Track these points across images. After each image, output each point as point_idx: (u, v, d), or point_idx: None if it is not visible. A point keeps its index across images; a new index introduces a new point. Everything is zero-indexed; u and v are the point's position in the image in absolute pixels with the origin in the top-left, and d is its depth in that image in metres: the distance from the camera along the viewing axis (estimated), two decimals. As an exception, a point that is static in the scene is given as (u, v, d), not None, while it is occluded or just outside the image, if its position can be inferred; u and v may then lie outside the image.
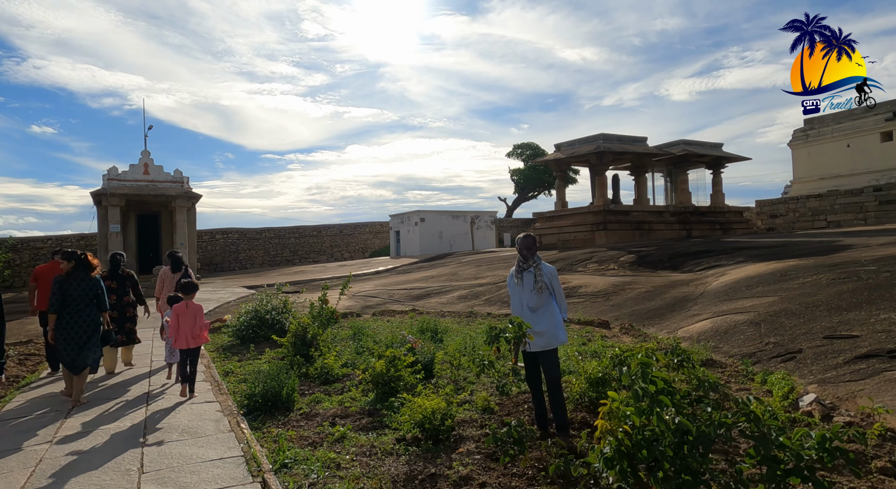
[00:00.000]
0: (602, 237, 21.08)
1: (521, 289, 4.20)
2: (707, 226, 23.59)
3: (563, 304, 4.29)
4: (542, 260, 4.22)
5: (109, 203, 21.91)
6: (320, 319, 8.69)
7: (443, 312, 12.01)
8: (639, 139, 23.41)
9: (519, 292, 4.27)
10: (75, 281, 5.63)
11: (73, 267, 5.72)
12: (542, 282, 4.10)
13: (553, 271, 4.28)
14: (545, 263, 4.23)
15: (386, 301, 14.77)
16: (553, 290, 4.18)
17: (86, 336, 5.59)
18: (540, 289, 4.10)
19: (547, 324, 4.07)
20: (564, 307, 4.30)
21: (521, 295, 4.25)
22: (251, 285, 21.44)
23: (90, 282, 5.75)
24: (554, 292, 4.21)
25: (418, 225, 33.91)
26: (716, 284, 10.08)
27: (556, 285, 4.24)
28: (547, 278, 4.13)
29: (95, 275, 5.80)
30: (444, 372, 6.05)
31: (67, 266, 5.75)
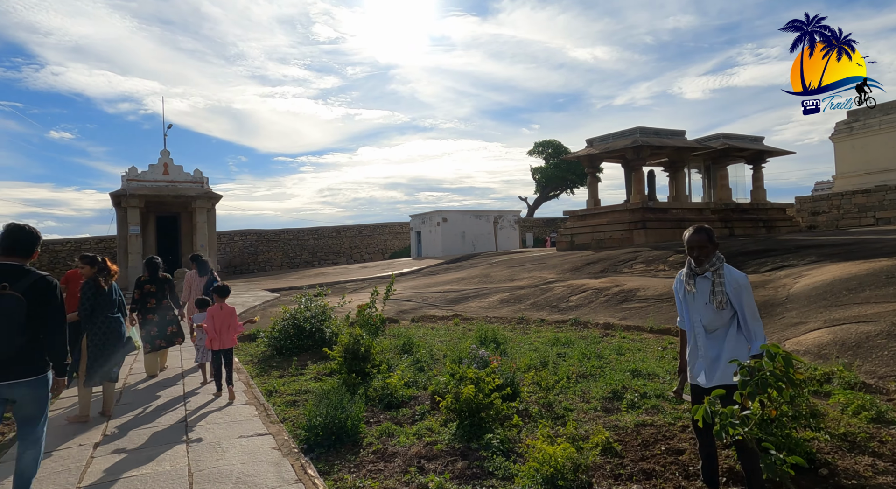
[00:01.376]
0: (641, 236, 20.01)
1: (693, 301, 3.20)
2: (749, 223, 22.40)
3: (758, 327, 3.03)
4: (725, 262, 3.18)
5: (129, 204, 21.30)
6: (369, 328, 7.82)
7: (489, 318, 11.08)
8: (677, 132, 22.30)
9: (689, 304, 3.24)
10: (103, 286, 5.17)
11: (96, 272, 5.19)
12: (724, 295, 3.02)
13: (742, 280, 3.10)
14: (732, 269, 3.14)
15: (421, 305, 13.88)
16: (739, 307, 3.03)
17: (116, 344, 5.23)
18: (720, 305, 3.02)
19: (728, 351, 3.01)
20: (759, 332, 3.01)
21: (691, 308, 3.21)
22: (274, 288, 20.70)
23: (113, 287, 5.33)
24: (740, 309, 3.03)
25: (440, 225, 33.02)
26: (799, 287, 9.04)
27: (746, 299, 3.03)
28: (731, 289, 3.04)
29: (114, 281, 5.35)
30: (530, 393, 5.12)
31: (89, 271, 5.12)
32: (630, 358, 6.37)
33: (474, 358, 5.56)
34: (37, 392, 3.15)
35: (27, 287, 3.13)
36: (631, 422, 4.14)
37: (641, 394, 4.82)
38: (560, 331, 8.84)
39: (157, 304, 7.05)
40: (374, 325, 7.99)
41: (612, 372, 5.64)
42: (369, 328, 7.75)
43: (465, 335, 8.72)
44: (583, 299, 11.46)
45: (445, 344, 7.94)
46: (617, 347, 6.84)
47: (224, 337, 5.80)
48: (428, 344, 7.93)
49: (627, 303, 10.45)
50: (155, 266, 7.19)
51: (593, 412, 4.55)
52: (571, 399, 4.91)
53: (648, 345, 7.12)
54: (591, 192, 23.90)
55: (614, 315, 9.93)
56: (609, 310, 10.31)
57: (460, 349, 6.33)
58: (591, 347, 6.69)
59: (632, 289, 11.19)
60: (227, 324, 5.87)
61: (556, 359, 6.37)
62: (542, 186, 43.77)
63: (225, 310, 5.94)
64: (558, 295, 12.28)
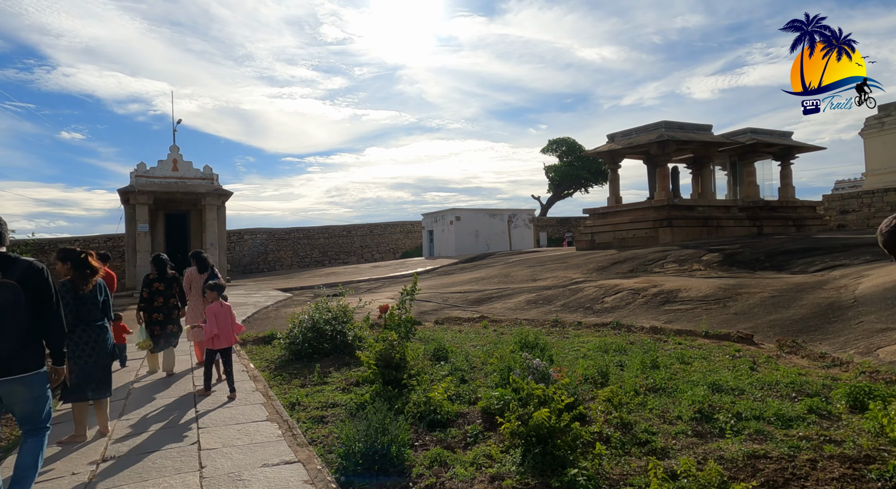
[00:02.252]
0: (667, 235, 19.18)
1: None
2: (779, 222, 21.51)
3: None
4: None
5: (137, 201, 20.73)
6: (399, 331, 7.10)
7: (518, 320, 10.34)
8: (703, 127, 21.45)
9: None
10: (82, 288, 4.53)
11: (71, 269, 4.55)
12: None
13: None
14: None
15: (442, 306, 13.16)
16: None
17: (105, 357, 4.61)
18: None
19: None
20: None
21: None
22: (286, 288, 20.06)
23: (97, 287, 4.66)
24: None
25: (454, 224, 32.29)
26: (866, 289, 8.23)
27: None
28: None
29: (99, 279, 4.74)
30: (599, 411, 4.38)
31: (64, 269, 4.58)
32: (698, 368, 5.61)
33: (528, 368, 4.82)
34: (34, 389, 3.01)
35: (20, 274, 3.00)
36: (739, 453, 3.39)
37: (734, 414, 4.06)
38: (602, 336, 8.09)
39: (165, 303, 6.95)
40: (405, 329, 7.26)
41: (686, 385, 4.89)
42: (400, 331, 7.03)
43: (499, 339, 7.98)
44: (618, 300, 10.69)
45: (481, 349, 7.21)
46: (679, 356, 6.08)
47: (224, 335, 5.73)
48: (462, 349, 7.20)
49: (670, 305, 9.67)
50: (163, 263, 7.11)
51: (683, 437, 3.80)
52: (650, 419, 4.16)
53: (712, 353, 6.35)
54: (612, 189, 23.09)
55: (657, 318, 9.17)
56: (650, 313, 9.54)
57: (504, 356, 5.60)
58: (650, 355, 5.94)
59: (672, 290, 10.41)
60: (228, 321, 5.83)
61: (615, 369, 5.62)
62: (556, 185, 42.92)
63: (225, 308, 5.89)
64: (590, 296, 11.52)
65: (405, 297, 7.80)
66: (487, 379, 5.63)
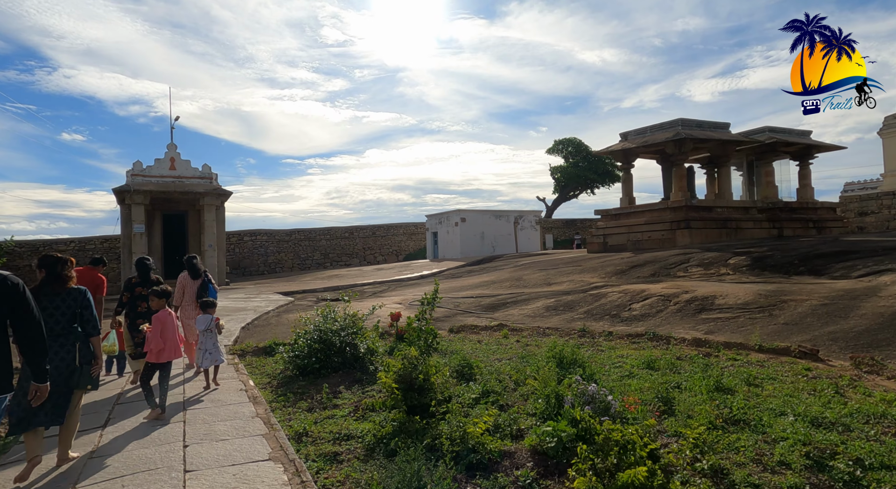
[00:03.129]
0: (684, 237, 18.40)
1: None
2: (799, 224, 20.72)
3: None
4: None
5: (133, 201, 19.95)
6: (420, 345, 6.30)
7: (540, 329, 9.55)
8: (720, 125, 20.67)
9: None
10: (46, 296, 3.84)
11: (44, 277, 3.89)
12: None
13: None
14: None
15: (455, 312, 12.36)
16: None
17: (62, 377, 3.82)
18: None
19: None
20: None
21: None
22: (287, 291, 19.26)
23: (69, 297, 3.93)
24: None
25: (459, 225, 31.51)
26: (931, 296, 7.44)
27: None
28: None
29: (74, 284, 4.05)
30: (672, 449, 3.58)
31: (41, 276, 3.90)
32: (773, 392, 4.81)
33: (582, 395, 4.03)
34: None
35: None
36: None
37: (854, 460, 3.26)
38: (639, 348, 7.30)
39: (149, 309, 6.28)
40: (426, 342, 6.47)
41: (770, 416, 4.09)
42: (419, 345, 6.24)
43: (526, 352, 7.18)
44: (648, 308, 9.89)
45: (509, 365, 6.41)
46: (745, 376, 5.28)
47: (171, 348, 5.14)
48: (489, 365, 6.40)
49: (707, 314, 8.87)
50: (146, 268, 6.71)
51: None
52: (744, 464, 3.36)
53: (780, 373, 5.55)
54: (624, 189, 22.31)
55: (695, 327, 8.37)
56: (686, 322, 8.74)
57: (546, 378, 4.80)
58: (710, 375, 5.14)
59: (706, 297, 9.61)
60: (175, 332, 5.27)
61: (674, 393, 4.81)
62: (562, 186, 42.13)
63: (172, 317, 5.35)
64: (615, 302, 10.72)
65: (425, 307, 7.02)
66: (528, 404, 4.84)
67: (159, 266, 21.14)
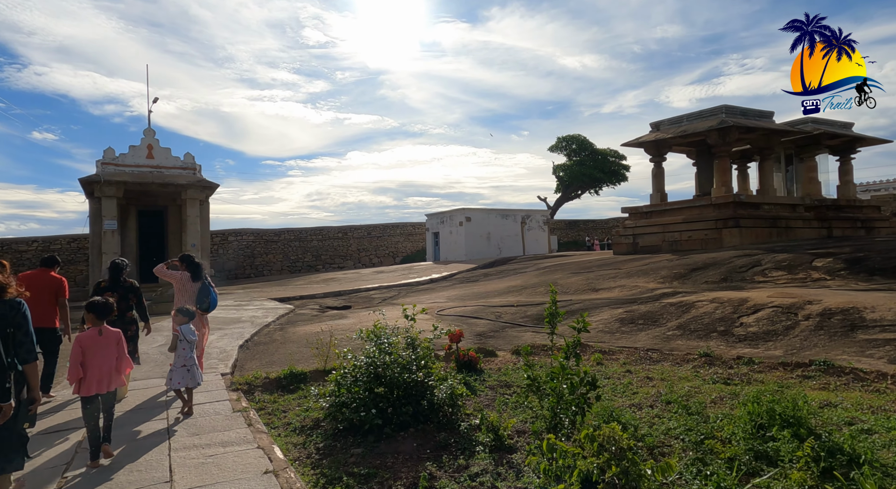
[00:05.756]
0: (733, 236, 16.46)
1: None
2: (847, 223, 18.99)
3: None
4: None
5: (104, 193, 17.29)
6: (570, 397, 4.02)
7: (637, 352, 7.38)
8: (765, 114, 18.85)
9: None
10: None
11: None
12: None
13: None
14: None
15: (500, 325, 10.14)
16: None
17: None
18: None
19: None
20: None
21: None
22: (283, 297, 16.82)
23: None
24: None
25: (463, 225, 29.31)
26: None
27: None
28: None
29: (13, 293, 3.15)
30: None
31: None
32: None
33: None
34: None
35: None
36: None
37: None
38: (844, 388, 5.17)
39: (120, 317, 5.77)
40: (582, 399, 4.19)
41: None
42: (571, 399, 3.96)
43: (672, 393, 4.98)
44: (766, 323, 7.79)
45: (677, 424, 4.19)
46: None
47: (106, 376, 4.15)
48: (648, 426, 4.17)
49: (865, 332, 6.79)
50: (117, 270, 6.06)
51: None
52: None
53: None
54: (656, 184, 20.34)
55: (865, 352, 6.26)
56: (842, 344, 6.64)
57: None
58: None
59: (846, 309, 7.53)
60: (109, 356, 4.19)
61: None
62: (566, 185, 40.20)
63: (106, 337, 4.24)
64: (714, 315, 8.61)
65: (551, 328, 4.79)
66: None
67: (134, 268, 18.48)
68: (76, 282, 23.78)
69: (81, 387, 4.04)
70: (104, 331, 4.22)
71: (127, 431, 4.74)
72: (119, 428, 4.76)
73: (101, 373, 4.09)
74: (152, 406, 5.58)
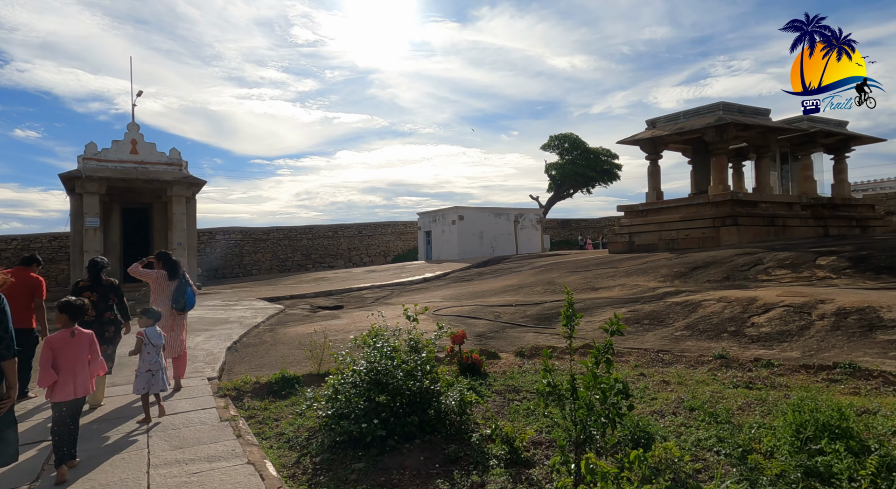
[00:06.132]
0: (731, 235, 16.26)
1: None
2: (843, 222, 18.89)
3: None
4: None
5: (85, 190, 16.69)
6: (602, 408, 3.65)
7: (647, 352, 7.06)
8: (761, 111, 18.69)
9: None
10: None
11: None
12: None
13: None
14: None
15: (500, 325, 9.79)
16: None
17: None
18: None
19: None
20: None
21: None
22: (272, 297, 16.34)
23: None
24: None
25: (456, 224, 28.95)
26: None
27: None
28: None
29: None
30: None
31: None
32: None
33: None
34: None
35: None
36: None
37: None
38: (846, 390, 4.87)
39: (98, 317, 5.59)
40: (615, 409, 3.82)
41: None
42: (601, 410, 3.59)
43: (691, 396, 4.63)
44: (779, 323, 7.50)
45: (713, 434, 3.84)
46: None
47: (80, 380, 3.85)
48: (680, 442, 3.82)
49: (884, 333, 6.52)
50: (97, 268, 5.83)
51: None
52: None
53: None
54: (652, 183, 20.11)
55: (888, 354, 5.99)
56: (863, 345, 6.35)
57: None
58: None
59: (860, 309, 7.27)
60: (82, 359, 3.91)
61: None
62: (558, 184, 39.97)
63: (79, 339, 3.95)
64: (722, 314, 8.32)
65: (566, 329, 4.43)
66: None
67: (117, 268, 17.88)
68: (57, 281, 23.08)
69: (54, 392, 3.78)
70: (77, 333, 3.97)
71: (101, 442, 4.31)
72: (91, 439, 4.33)
73: (75, 377, 3.84)
74: (129, 414, 5.14)
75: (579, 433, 3.14)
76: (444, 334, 5.54)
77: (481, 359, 6.45)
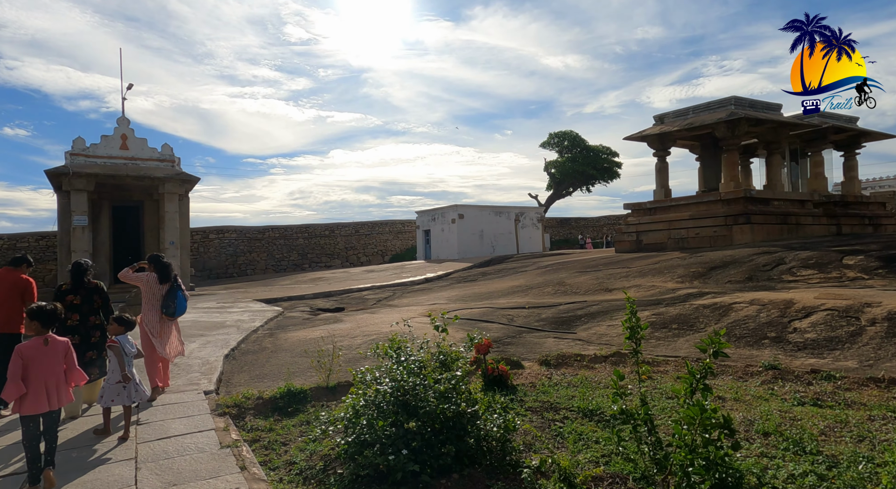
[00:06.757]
0: (744, 234, 15.75)
1: None
2: (855, 220, 18.46)
3: None
4: None
5: (73, 186, 15.94)
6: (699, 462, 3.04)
7: (684, 361, 6.48)
8: (773, 106, 18.20)
9: None
10: None
11: None
12: None
13: None
14: None
15: (515, 329, 9.19)
16: None
17: None
18: None
19: None
20: None
21: None
22: (269, 299, 15.67)
23: None
24: None
25: (455, 223, 28.34)
26: None
27: None
28: None
29: None
30: None
31: None
32: None
33: None
34: None
35: None
36: None
37: None
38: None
39: (82, 321, 5.26)
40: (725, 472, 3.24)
41: None
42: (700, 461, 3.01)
43: (764, 418, 4.04)
44: (826, 329, 6.95)
45: (791, 464, 3.26)
46: None
47: (52, 392, 3.55)
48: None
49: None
50: (80, 271, 5.47)
51: None
52: None
53: None
54: (660, 180, 19.58)
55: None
56: (923, 352, 5.81)
57: None
58: None
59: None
60: (56, 369, 3.60)
61: None
62: (557, 182, 39.46)
63: (53, 347, 3.62)
64: (758, 319, 7.76)
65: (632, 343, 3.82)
66: None
67: (107, 269, 17.14)
68: (45, 281, 22.28)
69: (23, 405, 3.49)
70: (50, 341, 3.69)
71: (78, 474, 3.66)
72: (68, 471, 3.69)
73: (47, 389, 3.57)
74: (113, 428, 4.53)
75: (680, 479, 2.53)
76: (469, 344, 4.96)
77: (508, 371, 5.85)
